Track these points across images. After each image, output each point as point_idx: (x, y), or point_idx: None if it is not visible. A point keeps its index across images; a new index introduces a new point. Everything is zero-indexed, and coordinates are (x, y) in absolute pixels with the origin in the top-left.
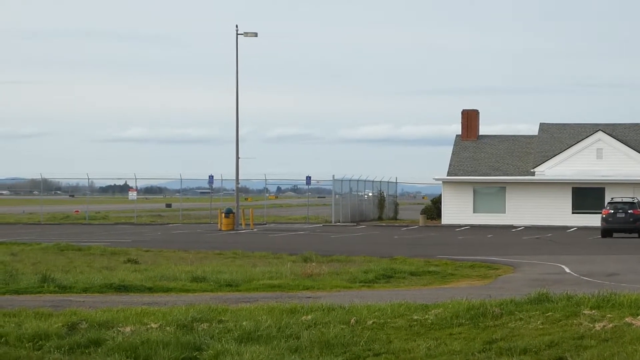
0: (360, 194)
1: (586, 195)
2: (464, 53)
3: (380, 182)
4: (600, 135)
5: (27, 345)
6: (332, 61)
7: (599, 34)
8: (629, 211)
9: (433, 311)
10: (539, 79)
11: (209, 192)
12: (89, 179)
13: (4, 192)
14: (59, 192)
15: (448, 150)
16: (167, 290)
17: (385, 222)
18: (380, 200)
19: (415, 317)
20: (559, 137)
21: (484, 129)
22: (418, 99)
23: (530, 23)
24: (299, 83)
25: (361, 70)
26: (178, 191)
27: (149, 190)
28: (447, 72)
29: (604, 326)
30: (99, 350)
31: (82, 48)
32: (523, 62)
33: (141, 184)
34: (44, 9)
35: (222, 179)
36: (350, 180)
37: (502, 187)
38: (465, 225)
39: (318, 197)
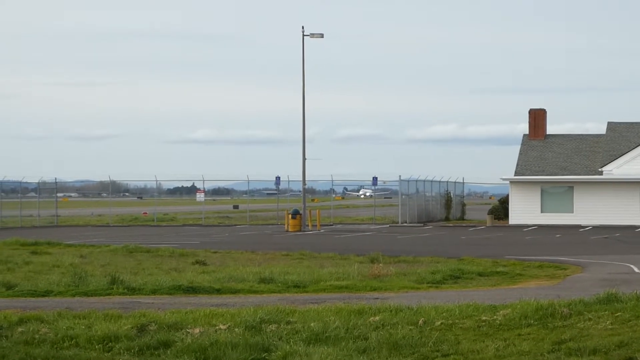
0: (427, 194)
1: None
2: (531, 52)
3: (447, 182)
4: None
5: (97, 347)
6: (398, 61)
7: None
8: None
9: (501, 312)
10: (607, 78)
11: (276, 193)
12: (157, 180)
13: (72, 194)
14: (127, 194)
15: (515, 150)
16: (235, 291)
17: (452, 222)
18: (447, 201)
19: (484, 318)
20: (627, 135)
21: (552, 128)
22: (485, 99)
23: (598, 22)
24: (365, 84)
25: (428, 70)
26: (245, 192)
27: (217, 192)
28: (515, 71)
29: None
30: (169, 351)
31: (150, 49)
32: (591, 61)
33: (209, 185)
34: (112, 11)
35: (289, 180)
36: (417, 181)
37: (569, 186)
38: (533, 225)
39: (384, 198)
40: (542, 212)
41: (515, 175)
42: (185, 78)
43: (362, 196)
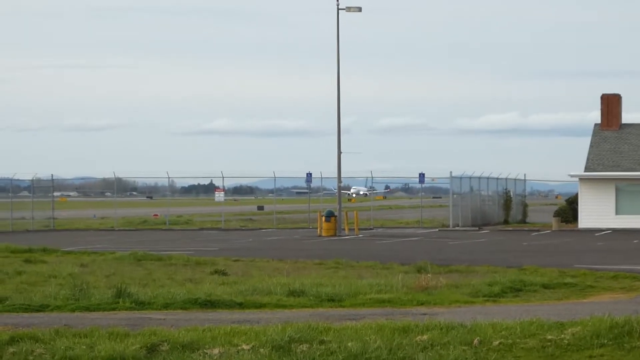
0: (482, 193)
1: None
2: (602, 31)
3: (506, 179)
4: None
5: None
6: (447, 40)
7: None
8: None
9: (570, 330)
10: None
11: (306, 192)
12: (169, 177)
13: (71, 193)
14: (134, 193)
15: (585, 142)
16: (260, 306)
17: (512, 225)
18: (506, 201)
19: (549, 337)
20: None
21: (628, 117)
22: (549, 83)
23: None
24: (409, 66)
25: (482, 50)
26: (271, 191)
27: (238, 191)
28: (584, 52)
29: None
30: None
31: (158, 27)
32: None
33: (229, 183)
34: None
35: (321, 177)
36: (470, 178)
37: None
38: (606, 229)
39: (433, 198)
40: (616, 214)
41: (585, 172)
42: (200, 60)
43: (354, 195)
